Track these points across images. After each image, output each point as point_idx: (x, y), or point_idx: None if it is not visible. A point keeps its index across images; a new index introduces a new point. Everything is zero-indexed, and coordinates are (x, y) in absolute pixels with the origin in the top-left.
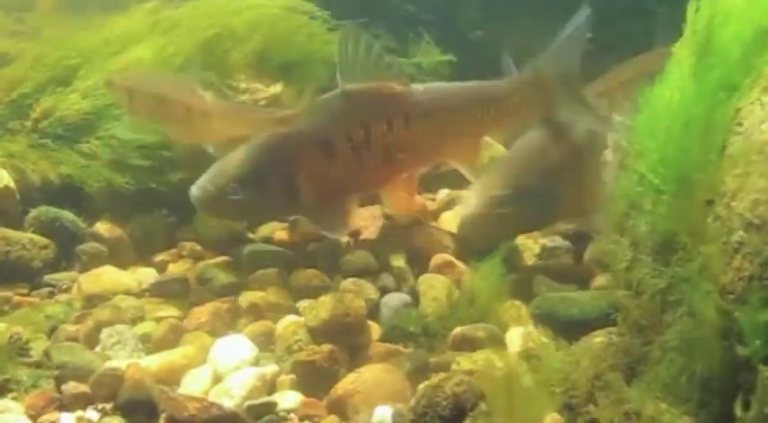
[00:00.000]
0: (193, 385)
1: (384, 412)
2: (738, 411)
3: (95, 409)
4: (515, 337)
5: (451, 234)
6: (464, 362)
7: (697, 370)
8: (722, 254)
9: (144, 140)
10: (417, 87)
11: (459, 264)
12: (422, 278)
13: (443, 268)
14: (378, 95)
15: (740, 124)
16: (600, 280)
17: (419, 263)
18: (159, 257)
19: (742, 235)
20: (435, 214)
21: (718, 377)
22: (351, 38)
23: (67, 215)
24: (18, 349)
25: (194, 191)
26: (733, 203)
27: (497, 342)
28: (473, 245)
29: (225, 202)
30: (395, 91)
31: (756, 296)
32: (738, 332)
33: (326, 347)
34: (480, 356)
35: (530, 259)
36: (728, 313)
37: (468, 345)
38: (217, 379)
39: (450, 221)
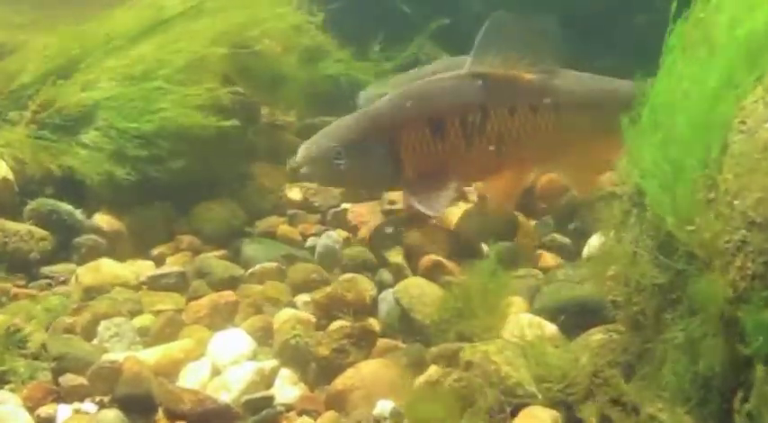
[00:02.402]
0: (191, 379)
1: (384, 407)
2: (737, 409)
3: (93, 401)
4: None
5: (448, 232)
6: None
7: (698, 368)
8: (724, 252)
9: (140, 129)
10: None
11: (450, 264)
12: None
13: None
14: (504, 80)
15: (743, 122)
16: None
17: (415, 259)
18: (158, 250)
19: (745, 234)
20: None
21: (718, 376)
22: (499, 22)
23: (66, 207)
24: (16, 341)
25: (301, 150)
26: (736, 202)
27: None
28: None
29: (327, 166)
30: (525, 78)
31: (759, 295)
32: (740, 331)
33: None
34: (482, 348)
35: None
36: (730, 312)
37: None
38: (215, 373)
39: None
